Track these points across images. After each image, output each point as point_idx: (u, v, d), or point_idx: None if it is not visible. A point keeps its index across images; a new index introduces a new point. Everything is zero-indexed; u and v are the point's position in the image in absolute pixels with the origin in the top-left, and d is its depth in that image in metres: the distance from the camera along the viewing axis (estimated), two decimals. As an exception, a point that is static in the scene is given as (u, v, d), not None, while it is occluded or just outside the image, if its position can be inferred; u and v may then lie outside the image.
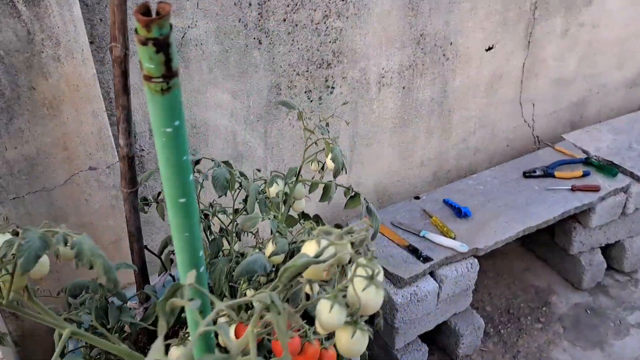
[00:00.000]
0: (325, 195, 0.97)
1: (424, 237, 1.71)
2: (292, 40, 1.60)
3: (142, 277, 1.04)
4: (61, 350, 0.77)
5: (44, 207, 1.34)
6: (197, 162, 1.00)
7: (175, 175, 0.56)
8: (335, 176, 0.94)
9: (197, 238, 0.62)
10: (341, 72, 1.73)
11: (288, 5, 1.55)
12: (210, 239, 1.04)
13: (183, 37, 1.45)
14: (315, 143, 1.03)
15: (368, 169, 1.98)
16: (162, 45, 0.47)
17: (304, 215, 1.07)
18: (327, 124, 1.02)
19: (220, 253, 1.05)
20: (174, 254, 1.22)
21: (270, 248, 0.86)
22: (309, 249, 0.61)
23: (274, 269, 0.89)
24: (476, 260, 1.68)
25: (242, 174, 0.99)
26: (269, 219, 0.89)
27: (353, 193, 0.98)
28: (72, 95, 1.25)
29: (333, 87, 1.74)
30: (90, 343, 0.84)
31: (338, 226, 1.06)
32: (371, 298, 0.56)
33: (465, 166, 2.23)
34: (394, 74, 1.83)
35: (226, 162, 0.99)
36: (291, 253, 0.89)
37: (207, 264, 1.01)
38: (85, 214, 1.40)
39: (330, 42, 1.66)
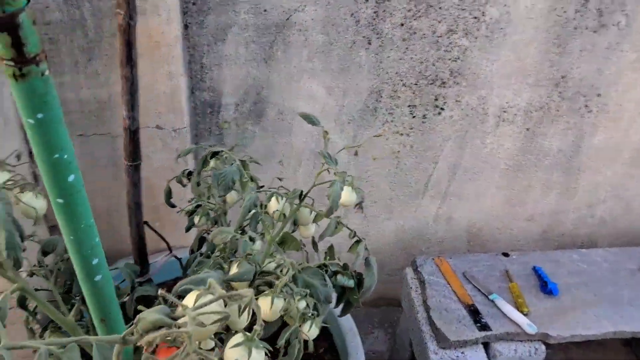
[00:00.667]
0: (325, 230, 0.84)
1: (492, 301, 1.49)
2: (406, 48, 1.45)
3: (139, 253, 1.00)
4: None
5: (106, 151, 1.36)
6: (215, 153, 0.92)
7: (47, 173, 0.48)
8: (327, 215, 0.81)
9: (85, 244, 0.55)
10: (456, 95, 1.55)
11: (410, 10, 1.40)
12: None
13: (288, 19, 1.38)
14: (328, 171, 0.90)
15: (465, 205, 1.79)
16: (4, 25, 0.39)
17: (313, 244, 0.95)
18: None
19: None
20: (207, 233, 1.17)
21: (233, 270, 0.76)
22: (189, 301, 0.51)
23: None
24: (543, 346, 1.43)
25: (252, 179, 0.90)
26: (243, 237, 0.79)
27: (356, 238, 0.85)
28: (151, 52, 1.24)
29: (442, 109, 1.57)
30: (38, 305, 0.81)
31: (346, 268, 0.93)
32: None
33: (584, 235, 1.93)
34: (518, 112, 1.60)
35: (243, 162, 0.90)
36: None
37: (196, 264, 0.94)
38: (144, 169, 1.39)
39: (450, 59, 1.49)
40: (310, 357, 1.38)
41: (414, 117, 1.58)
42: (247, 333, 0.51)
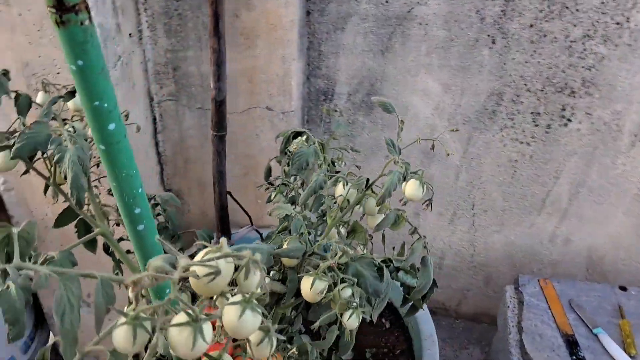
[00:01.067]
0: (383, 221, 0.81)
1: (595, 335, 1.35)
2: (534, 51, 1.36)
3: (221, 221, 1.04)
4: (83, 242, 0.82)
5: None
6: (298, 134, 0.93)
7: (89, 119, 0.52)
8: (378, 203, 0.77)
9: (126, 192, 0.59)
10: (586, 107, 1.42)
11: (542, 11, 1.31)
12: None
13: (409, 11, 1.36)
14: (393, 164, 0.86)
15: (587, 228, 1.63)
16: (46, -26, 0.43)
17: (382, 237, 0.93)
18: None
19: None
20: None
21: (284, 246, 0.77)
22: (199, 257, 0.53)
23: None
24: (649, 397, 1.28)
25: (332, 163, 0.90)
26: (296, 214, 0.79)
27: (417, 236, 0.81)
28: (268, 34, 1.29)
29: (569, 120, 1.45)
30: (115, 251, 0.88)
31: (413, 267, 0.90)
32: (178, 340, 0.45)
33: None
34: (660, 133, 1.43)
35: (322, 145, 0.90)
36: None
37: (266, 238, 0.96)
38: (252, 147, 1.46)
39: (583, 67, 1.37)
40: (386, 357, 1.36)
41: (536, 125, 1.47)
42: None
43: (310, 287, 0.73)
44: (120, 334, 0.45)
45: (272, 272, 0.83)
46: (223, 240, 0.53)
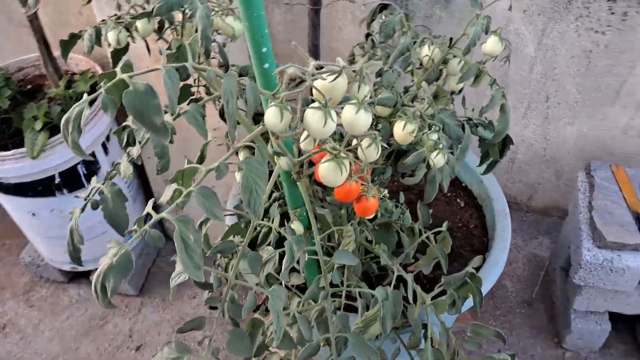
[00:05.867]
0: (466, 73, 0.89)
1: (667, 215, 1.42)
2: None
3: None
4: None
5: (305, 20, 1.54)
6: (384, 7, 1.03)
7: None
8: (464, 53, 0.86)
9: (257, 31, 0.71)
10: (666, -9, 1.43)
11: None
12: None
13: None
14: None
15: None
16: None
17: (463, 100, 1.01)
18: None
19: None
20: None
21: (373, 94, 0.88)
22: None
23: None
24: None
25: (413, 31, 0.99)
26: (387, 70, 0.90)
27: (496, 87, 0.89)
28: None
29: (648, 6, 1.46)
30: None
31: (491, 124, 1.00)
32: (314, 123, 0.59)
33: None
34: None
35: (407, 15, 0.99)
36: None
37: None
38: (335, 39, 1.57)
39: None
40: (460, 231, 1.47)
41: (612, 13, 1.49)
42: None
43: (403, 128, 0.84)
44: (270, 112, 0.59)
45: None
46: (339, 59, 0.65)
